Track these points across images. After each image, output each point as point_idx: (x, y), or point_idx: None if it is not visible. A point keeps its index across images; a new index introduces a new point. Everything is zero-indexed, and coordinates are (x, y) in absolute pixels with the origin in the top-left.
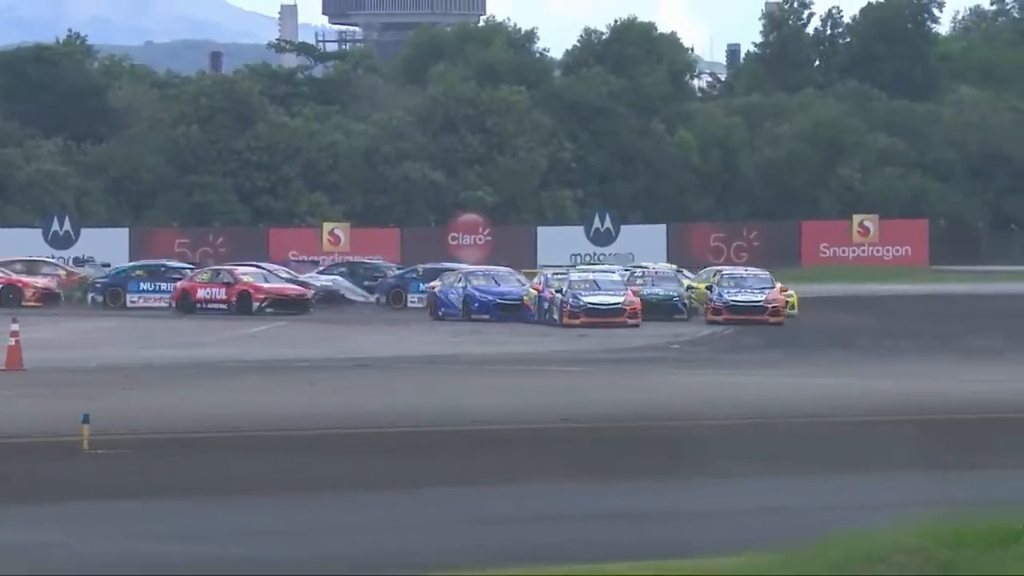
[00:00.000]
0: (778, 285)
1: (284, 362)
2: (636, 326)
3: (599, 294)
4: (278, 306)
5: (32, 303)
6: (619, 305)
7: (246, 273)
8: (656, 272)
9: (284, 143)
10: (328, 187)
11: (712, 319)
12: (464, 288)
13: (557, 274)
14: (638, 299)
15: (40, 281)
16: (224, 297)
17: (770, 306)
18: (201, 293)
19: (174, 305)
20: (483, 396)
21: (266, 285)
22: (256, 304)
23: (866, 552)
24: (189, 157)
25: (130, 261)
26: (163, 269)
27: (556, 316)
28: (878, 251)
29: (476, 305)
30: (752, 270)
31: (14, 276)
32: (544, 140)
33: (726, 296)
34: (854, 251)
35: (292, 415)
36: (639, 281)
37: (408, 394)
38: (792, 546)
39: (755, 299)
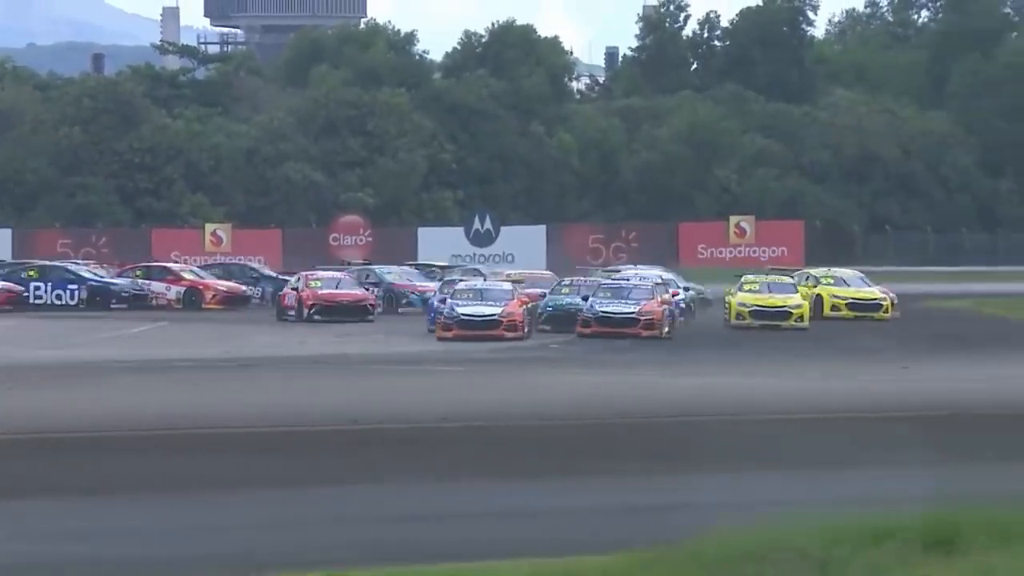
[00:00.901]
0: (658, 297)
1: (164, 362)
2: (518, 339)
3: (477, 304)
4: (325, 313)
5: (212, 306)
6: (494, 317)
7: (318, 278)
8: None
9: (166, 145)
10: (210, 188)
11: (581, 331)
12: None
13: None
14: (521, 311)
15: (223, 284)
16: (294, 303)
17: (643, 319)
18: (287, 300)
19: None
20: (362, 395)
21: (321, 291)
22: (306, 311)
23: (742, 550)
24: (72, 159)
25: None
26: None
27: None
28: (755, 252)
29: (431, 315)
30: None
31: (197, 278)
32: (425, 142)
33: (596, 307)
34: (731, 252)
35: (170, 414)
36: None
37: (284, 393)
38: (669, 543)
39: (627, 311)
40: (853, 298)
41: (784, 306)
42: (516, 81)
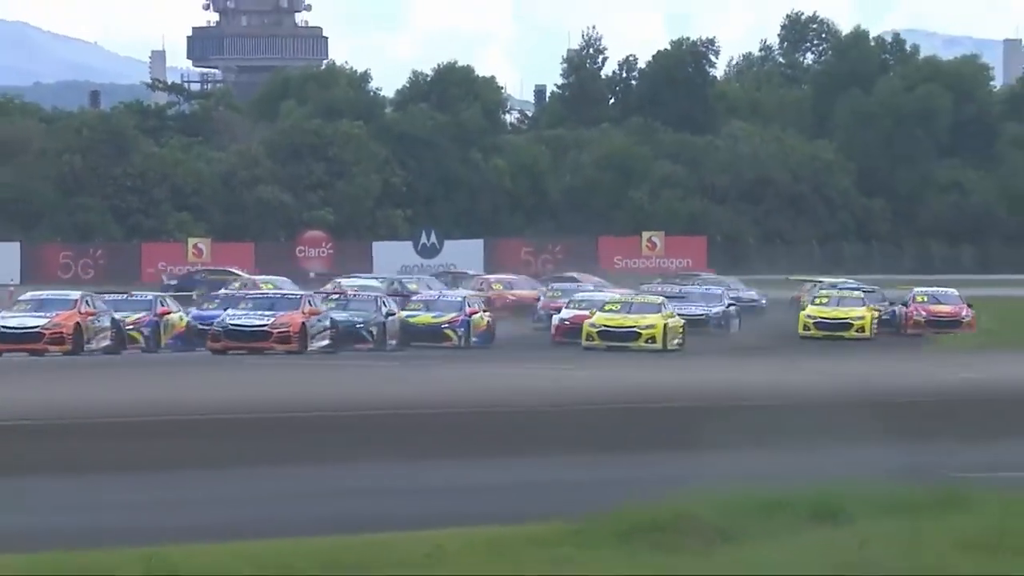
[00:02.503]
0: (305, 308)
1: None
2: (114, 353)
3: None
4: None
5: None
6: (36, 329)
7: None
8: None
9: (154, 170)
10: (192, 207)
11: (211, 346)
12: None
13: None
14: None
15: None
16: None
17: (276, 331)
18: None
19: None
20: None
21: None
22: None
23: (651, 520)
24: (72, 182)
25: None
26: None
27: None
28: (664, 262)
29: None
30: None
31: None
32: (378, 167)
33: (227, 320)
34: (643, 262)
35: (143, 402)
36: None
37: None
38: (586, 515)
39: (259, 323)
40: (822, 317)
41: (633, 327)
42: (457, 114)
